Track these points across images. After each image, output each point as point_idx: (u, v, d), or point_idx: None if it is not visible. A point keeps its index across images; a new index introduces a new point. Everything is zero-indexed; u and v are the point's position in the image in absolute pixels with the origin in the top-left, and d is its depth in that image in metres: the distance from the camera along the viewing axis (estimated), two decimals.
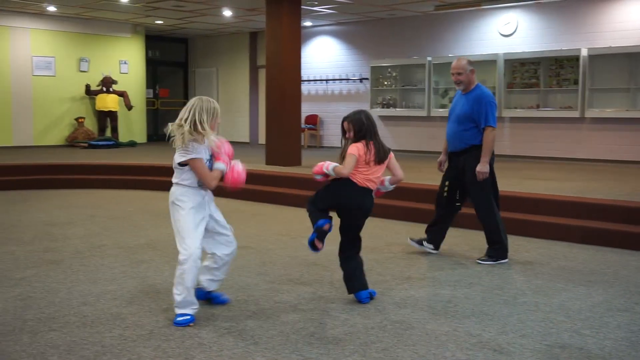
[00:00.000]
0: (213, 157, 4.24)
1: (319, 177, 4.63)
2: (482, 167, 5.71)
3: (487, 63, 13.27)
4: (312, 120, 16.66)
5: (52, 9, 14.69)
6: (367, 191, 4.61)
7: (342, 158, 4.63)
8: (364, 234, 4.75)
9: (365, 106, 15.57)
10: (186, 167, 4.15)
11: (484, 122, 5.72)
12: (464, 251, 6.36)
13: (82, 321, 4.17)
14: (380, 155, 4.57)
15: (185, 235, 4.11)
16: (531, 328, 4.14)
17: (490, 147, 5.74)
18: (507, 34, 13.60)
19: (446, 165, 6.17)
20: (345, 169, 4.49)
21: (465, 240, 6.83)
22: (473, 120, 5.76)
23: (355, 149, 4.52)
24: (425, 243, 6.19)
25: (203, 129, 4.08)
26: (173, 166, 4.22)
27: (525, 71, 13.21)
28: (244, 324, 4.15)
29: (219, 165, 4.23)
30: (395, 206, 8.17)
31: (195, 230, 4.14)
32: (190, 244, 4.09)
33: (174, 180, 4.25)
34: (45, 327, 4.06)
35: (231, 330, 4.03)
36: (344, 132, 4.67)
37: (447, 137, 6.04)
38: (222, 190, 4.55)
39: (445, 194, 6.01)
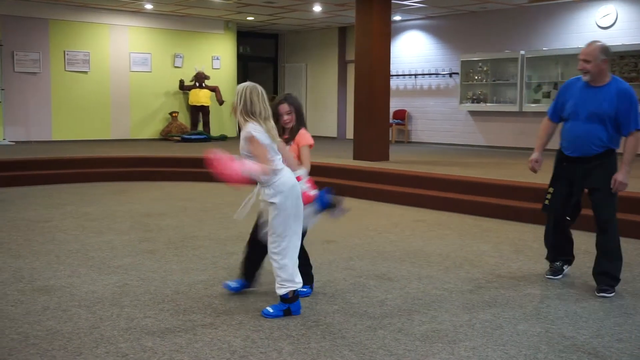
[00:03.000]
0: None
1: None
2: (624, 177, 4.76)
3: None
4: (400, 115, 16.54)
5: (149, 6, 15.20)
6: None
7: (287, 143, 4.45)
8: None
9: (454, 101, 15.38)
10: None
11: (634, 125, 4.73)
12: None
13: (175, 309, 4.31)
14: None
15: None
16: (629, 332, 3.97)
17: (635, 154, 4.79)
18: (605, 26, 13.06)
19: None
20: (308, 165, 4.54)
21: None
22: (613, 121, 4.75)
23: (310, 140, 4.60)
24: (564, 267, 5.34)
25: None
26: (283, 151, 4.26)
27: (625, 64, 12.64)
28: (331, 318, 4.17)
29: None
30: (494, 204, 8.02)
31: None
32: None
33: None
34: (140, 313, 4.22)
35: (319, 324, 4.06)
36: (280, 114, 4.49)
37: (567, 137, 4.96)
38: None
39: (547, 201, 5.09)
